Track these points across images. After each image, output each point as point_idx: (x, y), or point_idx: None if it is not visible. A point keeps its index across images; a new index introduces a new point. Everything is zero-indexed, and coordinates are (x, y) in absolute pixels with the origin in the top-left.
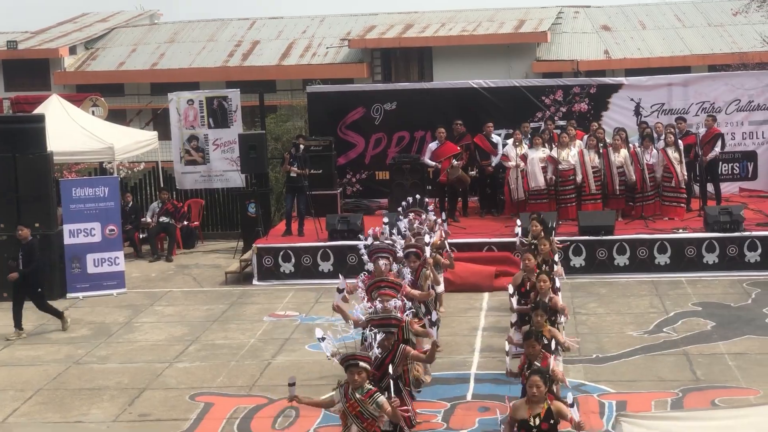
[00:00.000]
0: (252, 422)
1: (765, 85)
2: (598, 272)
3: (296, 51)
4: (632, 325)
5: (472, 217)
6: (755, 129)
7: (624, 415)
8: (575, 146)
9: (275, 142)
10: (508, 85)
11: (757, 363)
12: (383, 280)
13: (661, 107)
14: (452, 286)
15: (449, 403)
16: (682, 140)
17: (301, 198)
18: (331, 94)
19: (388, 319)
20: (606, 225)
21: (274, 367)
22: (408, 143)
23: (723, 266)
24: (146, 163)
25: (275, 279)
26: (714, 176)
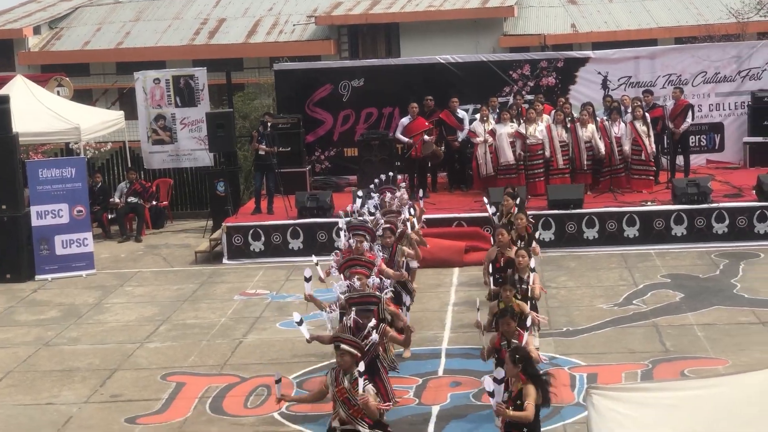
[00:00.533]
0: (224, 401)
1: (731, 56)
2: (568, 246)
3: (263, 28)
4: (602, 298)
5: (441, 193)
6: (722, 101)
7: (594, 387)
8: (543, 121)
9: (243, 121)
10: (475, 60)
11: (725, 333)
12: (355, 259)
13: (628, 80)
14: (422, 261)
15: (421, 378)
16: (649, 113)
17: (269, 176)
18: (299, 71)
19: (367, 297)
20: (575, 199)
21: (246, 345)
22: (376, 119)
23: (691, 238)
24: (113, 143)
25: (245, 258)
26: (685, 148)
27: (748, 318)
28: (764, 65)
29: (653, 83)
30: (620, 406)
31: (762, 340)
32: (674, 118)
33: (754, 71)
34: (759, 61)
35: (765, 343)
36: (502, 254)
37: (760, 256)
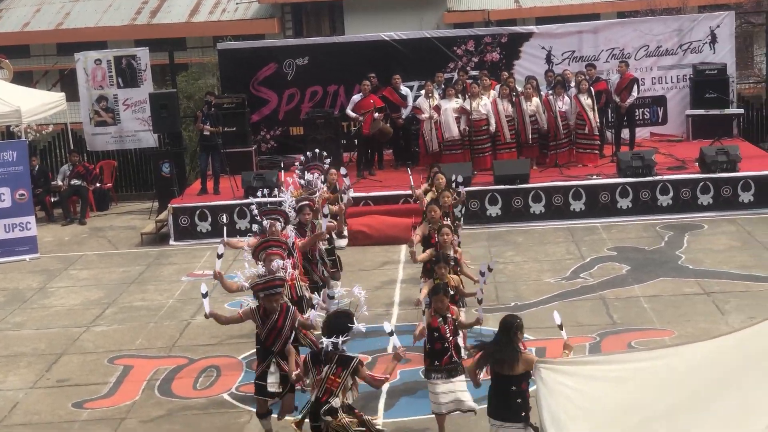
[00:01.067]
0: (173, 383)
1: (672, 30)
2: (515, 221)
3: (205, 8)
4: (549, 272)
5: (387, 170)
6: (664, 74)
7: (543, 362)
8: (488, 96)
9: (187, 101)
10: (419, 36)
11: (671, 304)
12: (269, 240)
13: (571, 55)
14: (370, 239)
15: (370, 356)
16: (592, 87)
17: (215, 156)
18: (243, 50)
19: (271, 281)
20: (521, 174)
21: (194, 327)
22: (321, 98)
23: (636, 210)
24: (55, 125)
25: (192, 238)
26: (631, 121)
27: (692, 289)
28: (705, 38)
29: (596, 57)
30: (568, 379)
31: (706, 310)
32: (620, 91)
33: (695, 44)
34: (700, 35)
35: (709, 314)
36: (434, 230)
37: (703, 228)
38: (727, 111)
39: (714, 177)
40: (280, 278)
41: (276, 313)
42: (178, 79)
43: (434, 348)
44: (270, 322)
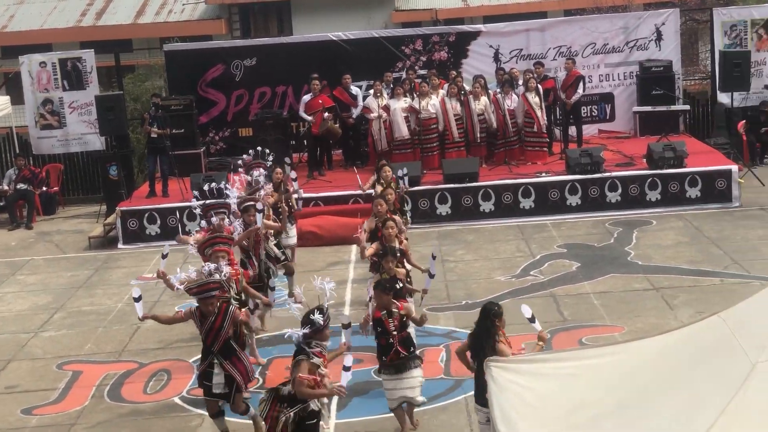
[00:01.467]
0: (122, 388)
1: (619, 27)
2: (465, 219)
3: (151, 9)
4: (500, 270)
5: (336, 170)
6: (611, 71)
7: (493, 360)
8: (437, 95)
9: (134, 103)
10: (367, 36)
11: (620, 300)
12: (216, 237)
13: (519, 53)
14: (320, 240)
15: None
16: (540, 85)
17: (163, 158)
18: (190, 51)
19: (205, 285)
20: (470, 172)
21: (144, 331)
22: (270, 99)
23: (585, 207)
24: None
25: (141, 242)
26: (577, 119)
27: (642, 285)
28: (651, 35)
29: (544, 55)
30: (519, 377)
31: (656, 305)
32: (566, 89)
33: (641, 41)
34: (646, 32)
35: (659, 309)
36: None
37: (652, 223)
38: (674, 107)
39: (661, 173)
40: (215, 281)
41: (213, 315)
42: (125, 81)
43: (380, 343)
44: (208, 323)
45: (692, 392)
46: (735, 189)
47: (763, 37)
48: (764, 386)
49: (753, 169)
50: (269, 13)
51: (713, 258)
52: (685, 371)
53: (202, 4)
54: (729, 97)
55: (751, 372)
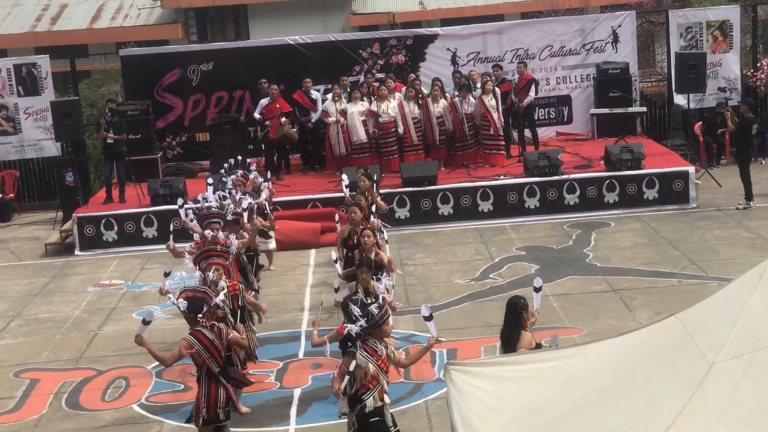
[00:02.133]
0: (81, 396)
1: (575, 30)
2: (423, 222)
3: (107, 13)
4: (459, 273)
5: (295, 175)
6: (568, 73)
7: (452, 363)
8: (394, 98)
9: (90, 108)
10: (324, 40)
11: (579, 303)
12: (211, 249)
13: (477, 56)
14: (279, 244)
15: (281, 362)
16: (498, 88)
17: (120, 164)
18: (146, 56)
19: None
20: (429, 175)
21: (101, 337)
22: (227, 103)
23: (544, 210)
24: None
25: (98, 248)
26: (531, 121)
27: (600, 287)
28: (607, 38)
29: (501, 58)
30: (478, 380)
31: (614, 307)
32: (518, 92)
33: (597, 44)
34: (602, 34)
35: (617, 311)
36: (355, 232)
37: (610, 225)
38: (631, 109)
39: (619, 175)
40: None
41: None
42: (81, 86)
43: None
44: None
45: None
46: (692, 190)
47: (718, 38)
48: (721, 386)
49: (710, 170)
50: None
51: (671, 259)
52: (643, 372)
53: (159, 8)
54: (685, 99)
55: (709, 372)
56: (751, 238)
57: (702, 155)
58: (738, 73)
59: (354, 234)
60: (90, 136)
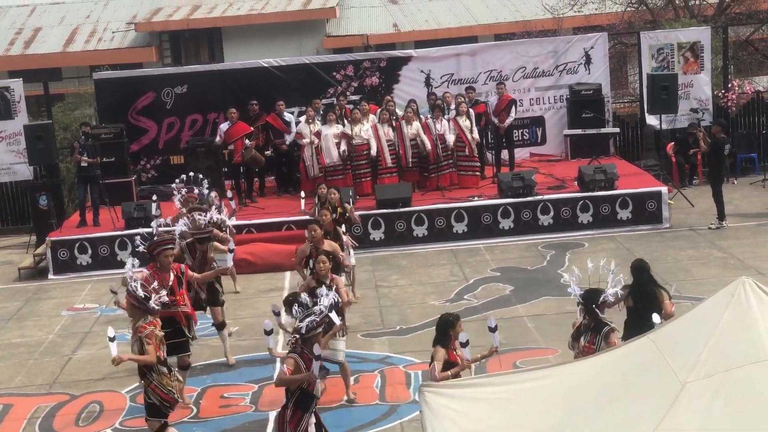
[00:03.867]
0: (54, 420)
1: (548, 51)
2: (398, 244)
3: (81, 37)
4: (434, 295)
5: (269, 197)
6: (542, 95)
7: (427, 385)
8: (368, 120)
9: (64, 132)
10: (298, 62)
11: (554, 323)
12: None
13: (450, 77)
14: (253, 267)
15: (257, 384)
16: (473, 109)
17: (94, 187)
18: (120, 79)
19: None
20: (403, 197)
21: (75, 362)
22: (201, 126)
23: (518, 231)
24: None
25: (72, 272)
26: (509, 142)
27: (575, 307)
28: (580, 59)
29: (475, 80)
30: (453, 402)
31: None
32: (498, 113)
33: (570, 65)
34: (575, 56)
35: None
36: (316, 249)
37: (584, 246)
38: (604, 130)
39: (593, 195)
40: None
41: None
42: (54, 109)
43: None
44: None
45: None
46: (665, 210)
47: (690, 60)
48: (694, 405)
49: (682, 190)
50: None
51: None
52: (617, 392)
53: (132, 31)
54: (658, 120)
55: (681, 391)
56: (724, 257)
57: (674, 176)
58: (709, 94)
59: (314, 251)
60: (63, 160)
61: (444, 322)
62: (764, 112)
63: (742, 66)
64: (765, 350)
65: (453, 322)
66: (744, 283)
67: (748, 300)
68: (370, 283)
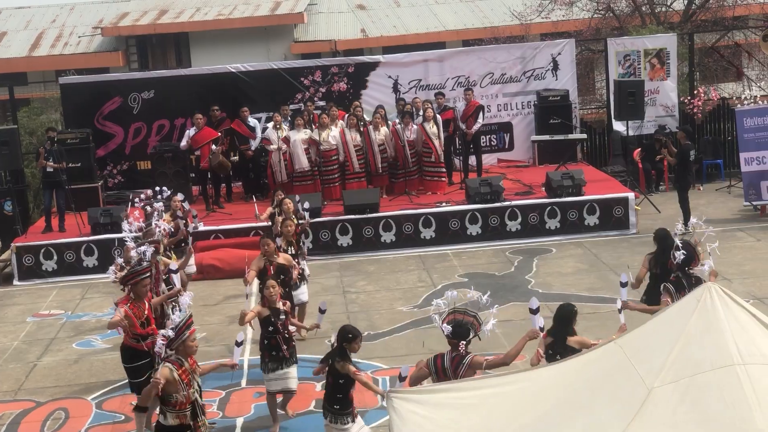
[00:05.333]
0: (19, 428)
1: (516, 57)
2: (366, 250)
3: (47, 41)
4: (402, 301)
5: (236, 203)
6: (509, 101)
7: (394, 391)
8: (336, 126)
9: (30, 137)
10: (266, 68)
11: (522, 329)
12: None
13: (418, 83)
14: (221, 272)
15: (224, 391)
16: (441, 115)
17: (59, 193)
18: (86, 84)
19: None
20: (371, 203)
21: (41, 368)
22: (168, 131)
23: (486, 236)
24: None
25: (37, 278)
26: (477, 148)
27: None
28: (547, 65)
29: (443, 85)
30: (420, 408)
31: None
32: (466, 119)
33: (538, 71)
34: (542, 62)
35: None
36: (270, 262)
37: (552, 251)
38: (571, 136)
39: (560, 201)
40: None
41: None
42: (20, 114)
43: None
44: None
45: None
46: (632, 216)
47: (656, 66)
48: (660, 411)
49: (649, 196)
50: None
51: (612, 285)
52: (584, 398)
53: (99, 36)
54: (624, 126)
55: (648, 397)
56: None
57: (641, 181)
58: (676, 101)
59: (269, 264)
60: (29, 165)
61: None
62: (730, 119)
63: (708, 73)
64: (731, 355)
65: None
66: (710, 288)
67: (714, 305)
68: (338, 288)
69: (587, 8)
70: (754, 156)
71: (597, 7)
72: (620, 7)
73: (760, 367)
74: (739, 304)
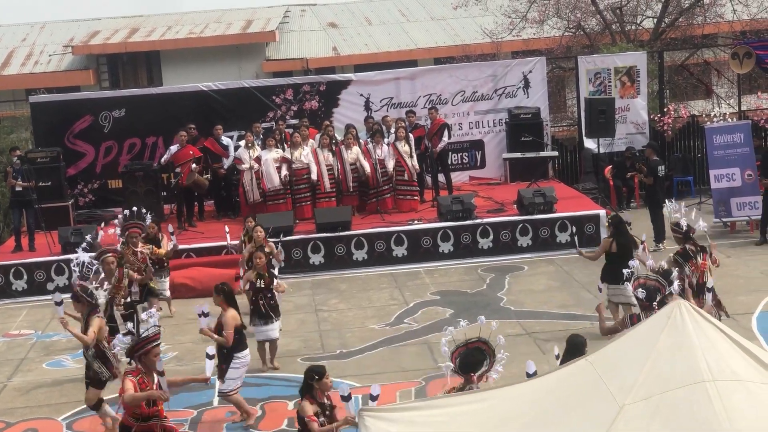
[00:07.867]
0: None
1: (487, 75)
2: (338, 268)
3: (17, 60)
4: (374, 319)
5: (208, 221)
6: (481, 118)
7: (366, 410)
8: (308, 145)
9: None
10: (237, 86)
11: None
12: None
13: (390, 101)
14: (193, 291)
15: (195, 410)
16: (412, 133)
17: (29, 212)
18: (56, 103)
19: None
20: (342, 221)
21: (11, 389)
22: (140, 150)
23: (458, 254)
24: None
25: (7, 297)
26: (444, 166)
27: (515, 330)
28: (519, 83)
29: (414, 103)
30: (392, 426)
31: (529, 351)
32: (431, 137)
33: (509, 89)
34: (514, 80)
35: (531, 354)
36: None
37: (524, 269)
38: (543, 153)
39: (532, 218)
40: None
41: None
42: None
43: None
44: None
45: None
46: (603, 233)
47: (626, 84)
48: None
49: (620, 213)
50: (138, 64)
51: (583, 302)
52: (556, 415)
53: (69, 54)
54: (595, 143)
55: (619, 414)
56: None
57: (612, 198)
58: (646, 118)
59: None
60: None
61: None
62: (699, 136)
63: (678, 90)
64: (701, 372)
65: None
66: (680, 305)
67: (684, 322)
68: (310, 307)
69: (558, 26)
70: (723, 173)
71: (568, 25)
72: (590, 25)
73: (729, 384)
74: (708, 321)
